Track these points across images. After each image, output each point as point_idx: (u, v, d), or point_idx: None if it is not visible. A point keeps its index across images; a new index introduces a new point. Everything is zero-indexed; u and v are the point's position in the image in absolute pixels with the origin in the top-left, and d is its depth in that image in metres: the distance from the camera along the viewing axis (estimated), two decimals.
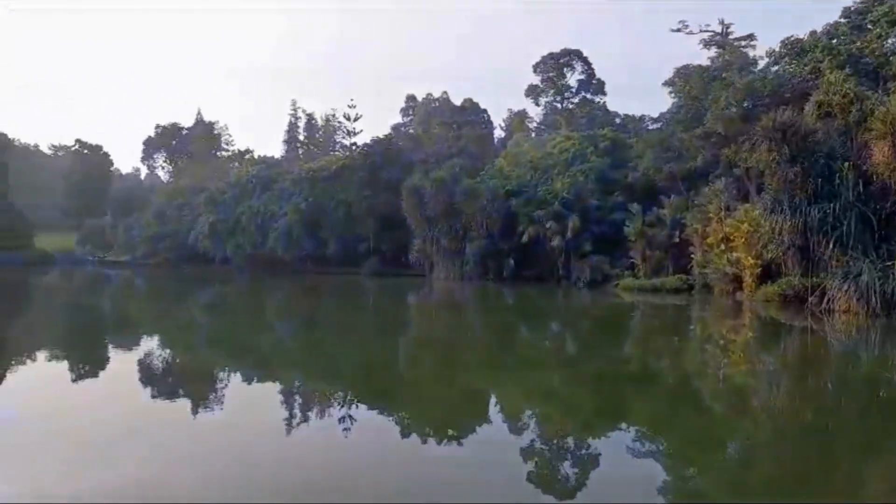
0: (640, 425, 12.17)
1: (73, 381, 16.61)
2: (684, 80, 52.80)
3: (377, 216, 61.89)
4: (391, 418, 12.75)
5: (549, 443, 11.03)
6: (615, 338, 25.49)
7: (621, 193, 49.70)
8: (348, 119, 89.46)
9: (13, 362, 19.37)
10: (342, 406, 13.51)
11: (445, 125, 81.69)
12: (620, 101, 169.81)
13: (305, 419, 12.56)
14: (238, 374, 17.43)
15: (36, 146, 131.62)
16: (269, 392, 15.22)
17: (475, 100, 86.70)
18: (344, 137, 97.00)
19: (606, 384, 15.97)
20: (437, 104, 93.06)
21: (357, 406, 13.46)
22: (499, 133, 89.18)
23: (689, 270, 39.91)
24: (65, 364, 19.49)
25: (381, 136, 71.88)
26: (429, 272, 56.43)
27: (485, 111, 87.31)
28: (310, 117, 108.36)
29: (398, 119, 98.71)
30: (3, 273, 64.09)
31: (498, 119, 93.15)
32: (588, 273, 46.29)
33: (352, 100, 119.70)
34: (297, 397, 14.76)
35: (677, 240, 41.50)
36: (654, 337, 25.67)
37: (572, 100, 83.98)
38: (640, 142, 54.67)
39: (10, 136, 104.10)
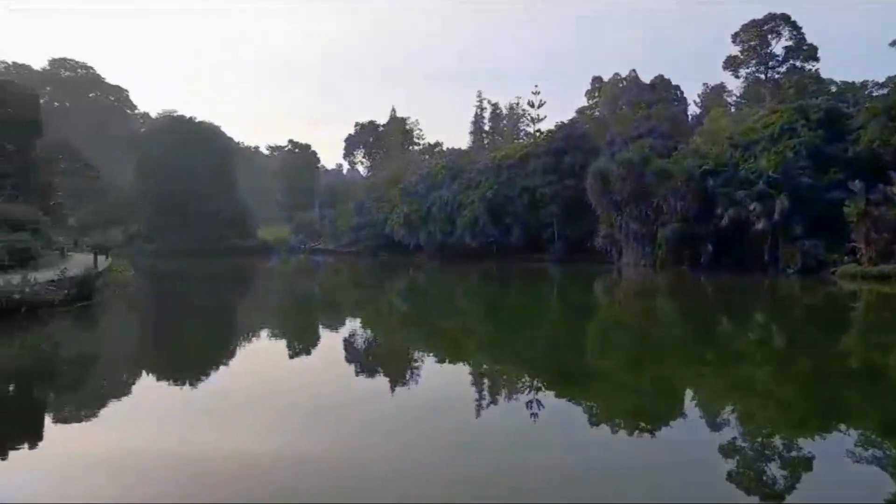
0: (863, 427, 10.79)
1: (290, 357, 18.54)
2: None
3: (561, 202, 61.27)
4: (579, 406, 12.59)
5: (753, 442, 10.17)
6: (833, 331, 22.78)
7: (839, 170, 44.13)
8: (532, 106, 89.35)
9: (241, 338, 22.13)
10: (530, 390, 13.60)
11: (634, 105, 78.21)
12: (836, 67, 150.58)
13: (493, 401, 12.83)
14: (432, 355, 18.28)
15: (256, 148, 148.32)
16: (460, 373, 15.77)
17: (666, 77, 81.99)
18: (528, 125, 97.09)
19: (822, 381, 14.36)
20: (625, 84, 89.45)
21: (545, 391, 13.47)
22: (693, 110, 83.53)
23: None
24: (282, 341, 21.86)
25: (566, 121, 70.84)
26: (616, 258, 54.71)
27: (677, 88, 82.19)
28: (494, 107, 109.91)
29: (583, 102, 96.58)
30: (235, 259, 73.35)
31: (692, 95, 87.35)
32: (799, 259, 41.84)
33: (536, 86, 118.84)
34: (485, 379, 15.13)
35: None
36: (882, 330, 22.57)
37: (778, 69, 76.07)
38: (864, 111, 48.05)
39: (236, 139, 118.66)
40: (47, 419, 11.71)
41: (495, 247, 66.25)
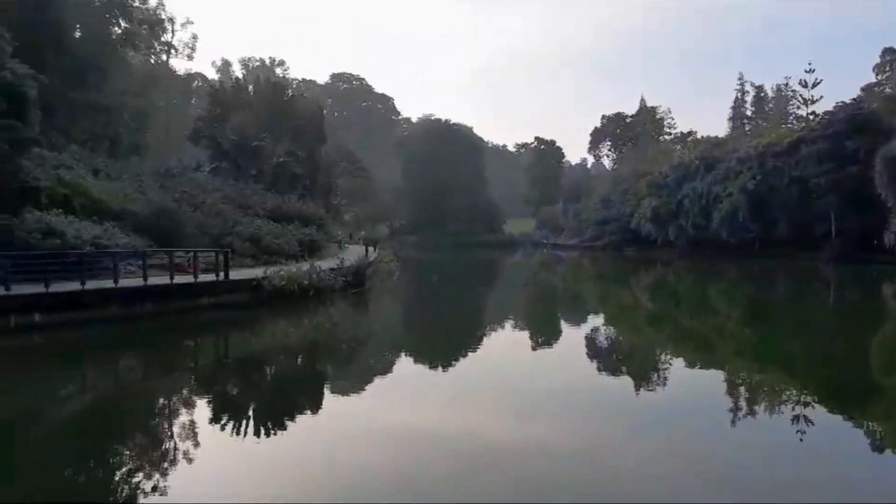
0: None
1: (532, 349, 18.95)
2: None
3: (841, 193, 53.41)
4: (859, 428, 10.94)
5: None
6: None
7: None
8: (804, 86, 79.24)
9: (489, 326, 23.19)
10: (797, 405, 12.17)
11: None
12: None
13: (752, 412, 11.74)
14: (679, 358, 17.31)
15: (504, 146, 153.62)
16: (712, 379, 14.71)
17: None
18: (799, 107, 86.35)
19: None
20: None
21: (814, 407, 11.94)
22: None
23: None
24: (526, 332, 22.43)
25: (848, 101, 61.59)
26: None
27: None
28: (758, 90, 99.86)
29: (870, 79, 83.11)
30: (483, 252, 76.95)
31: None
32: None
33: (809, 64, 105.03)
34: (742, 389, 13.90)
35: None
36: None
37: None
38: None
39: (485, 139, 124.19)
40: (326, 390, 13.50)
41: (757, 243, 60.24)
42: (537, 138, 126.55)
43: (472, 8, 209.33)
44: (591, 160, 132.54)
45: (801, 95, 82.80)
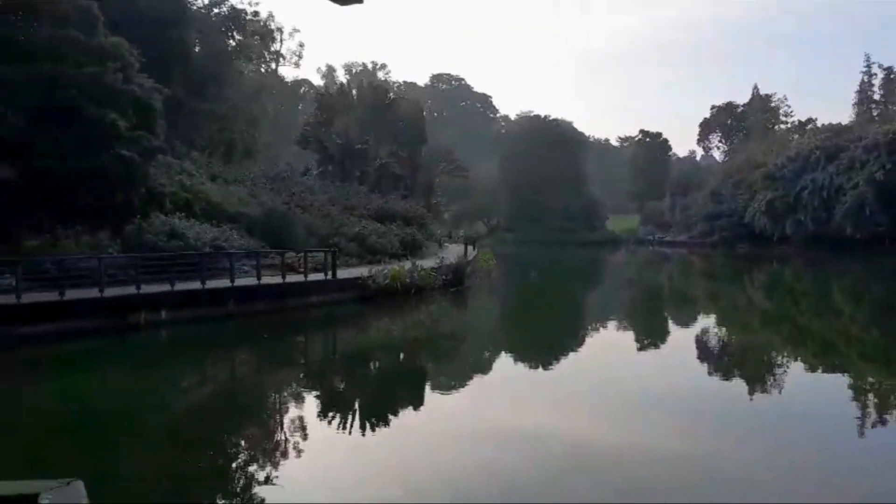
0: None
1: (638, 350, 18.37)
2: None
3: None
4: None
5: None
6: None
7: None
8: None
9: (588, 326, 22.72)
10: None
11: None
12: None
13: (871, 417, 10.83)
14: (796, 361, 16.24)
15: (606, 140, 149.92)
16: (836, 383, 13.66)
17: None
18: None
19: None
20: None
21: None
22: None
23: None
24: (630, 333, 21.78)
25: None
26: None
27: None
28: (888, 72, 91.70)
29: None
30: (583, 250, 75.59)
31: None
32: None
33: None
34: (862, 394, 12.83)
35: None
36: None
37: None
38: None
39: (585, 133, 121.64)
40: (427, 387, 13.71)
41: (886, 238, 55.41)
42: (642, 131, 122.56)
43: (571, 1, 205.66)
44: (700, 152, 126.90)
45: None
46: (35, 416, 11.09)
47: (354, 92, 66.96)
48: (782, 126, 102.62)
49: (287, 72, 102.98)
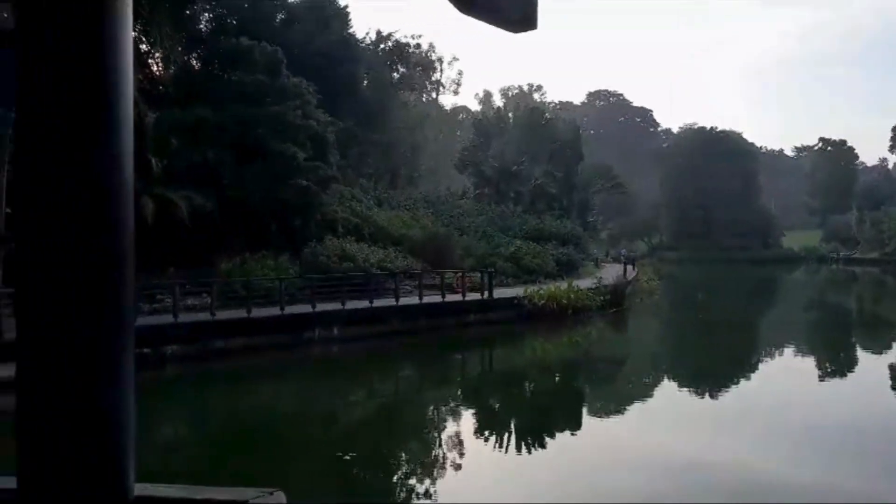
0: None
1: (819, 378, 16.83)
2: None
3: None
4: None
5: None
6: None
7: None
8: None
9: (758, 353, 21.16)
10: None
11: None
12: None
13: None
14: None
15: (780, 151, 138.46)
16: None
17: None
18: None
19: None
20: None
21: None
22: None
23: None
24: (811, 359, 19.97)
25: None
26: None
27: None
28: None
29: None
30: (756, 268, 70.17)
31: None
32: None
33: None
34: None
35: None
36: None
37: None
38: None
39: (757, 144, 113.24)
40: (584, 409, 13.60)
41: None
42: (822, 139, 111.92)
43: (735, 4, 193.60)
44: (893, 160, 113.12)
45: None
46: (235, 421, 12.56)
47: (510, 115, 68.11)
48: None
49: (446, 99, 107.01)
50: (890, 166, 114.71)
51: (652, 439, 10.88)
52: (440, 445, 10.85)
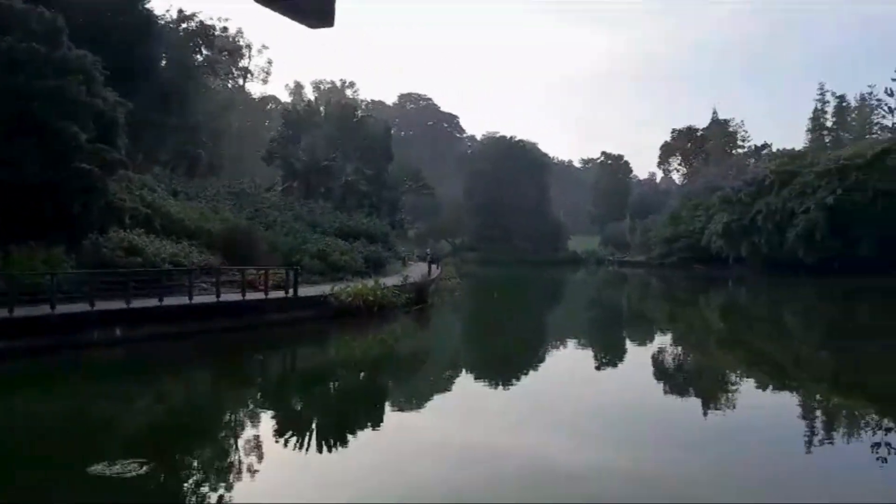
0: None
1: (593, 368, 18.69)
2: None
3: None
4: None
5: None
6: None
7: None
8: (891, 95, 75.38)
9: (548, 344, 23.03)
10: (877, 430, 11.56)
11: None
12: None
13: (829, 437, 11.24)
14: (750, 380, 16.72)
15: (570, 162, 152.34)
16: (785, 402, 14.13)
17: None
18: (884, 117, 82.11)
19: None
20: None
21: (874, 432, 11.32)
22: None
23: None
24: (587, 351, 22.14)
25: None
26: None
27: None
28: (840, 100, 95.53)
29: None
30: (546, 270, 76.39)
31: None
32: None
33: None
34: (819, 412, 13.31)
35: None
36: None
37: None
38: None
39: (550, 154, 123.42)
40: (388, 405, 13.74)
41: (836, 262, 57.25)
42: (604, 153, 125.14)
43: (540, 23, 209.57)
44: (660, 175, 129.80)
45: (886, 105, 78.78)
46: None
47: (322, 109, 67.02)
48: (739, 150, 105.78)
49: (255, 88, 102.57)
50: (658, 180, 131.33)
51: (450, 431, 11.29)
52: (236, 450, 10.28)
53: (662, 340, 24.89)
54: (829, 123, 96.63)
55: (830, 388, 15.72)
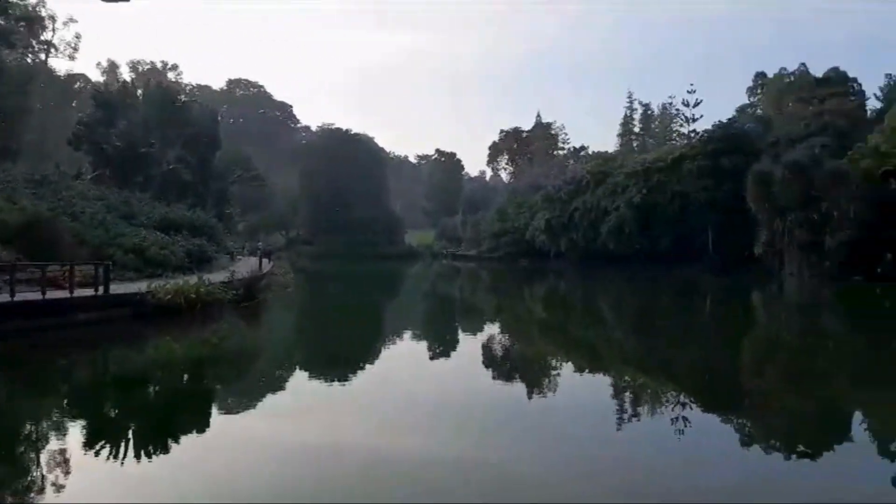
0: None
1: (428, 359, 19.09)
2: None
3: (717, 208, 57.71)
4: (730, 426, 11.79)
5: None
6: None
7: None
8: (687, 106, 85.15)
9: (384, 338, 23.17)
10: (675, 406, 12.95)
11: (802, 102, 71.98)
12: None
13: (635, 414, 12.38)
14: (569, 364, 18.00)
15: (406, 158, 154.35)
16: (598, 384, 15.39)
17: (842, 69, 74.41)
18: (682, 125, 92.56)
19: None
20: (793, 79, 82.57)
21: (692, 408, 12.75)
22: (873, 104, 75.11)
23: None
24: (422, 343, 22.58)
25: (724, 121, 66.73)
26: (777, 269, 50.52)
27: (854, 80, 74.54)
28: (646, 108, 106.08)
29: (744, 100, 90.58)
30: (383, 263, 76.75)
31: (872, 89, 78.80)
32: None
33: (691, 85, 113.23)
34: (627, 392, 14.63)
35: None
36: None
37: None
38: None
39: (387, 150, 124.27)
40: (214, 408, 12.97)
41: (642, 255, 63.71)
42: (438, 150, 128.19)
43: (370, 17, 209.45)
44: (489, 173, 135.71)
45: (683, 114, 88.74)
46: None
47: (139, 91, 61.72)
48: (560, 152, 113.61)
49: (60, 64, 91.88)
50: (487, 178, 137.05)
51: (283, 429, 10.91)
52: (37, 465, 9.14)
53: (491, 330, 26.02)
54: (636, 129, 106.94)
55: (636, 369, 17.39)
